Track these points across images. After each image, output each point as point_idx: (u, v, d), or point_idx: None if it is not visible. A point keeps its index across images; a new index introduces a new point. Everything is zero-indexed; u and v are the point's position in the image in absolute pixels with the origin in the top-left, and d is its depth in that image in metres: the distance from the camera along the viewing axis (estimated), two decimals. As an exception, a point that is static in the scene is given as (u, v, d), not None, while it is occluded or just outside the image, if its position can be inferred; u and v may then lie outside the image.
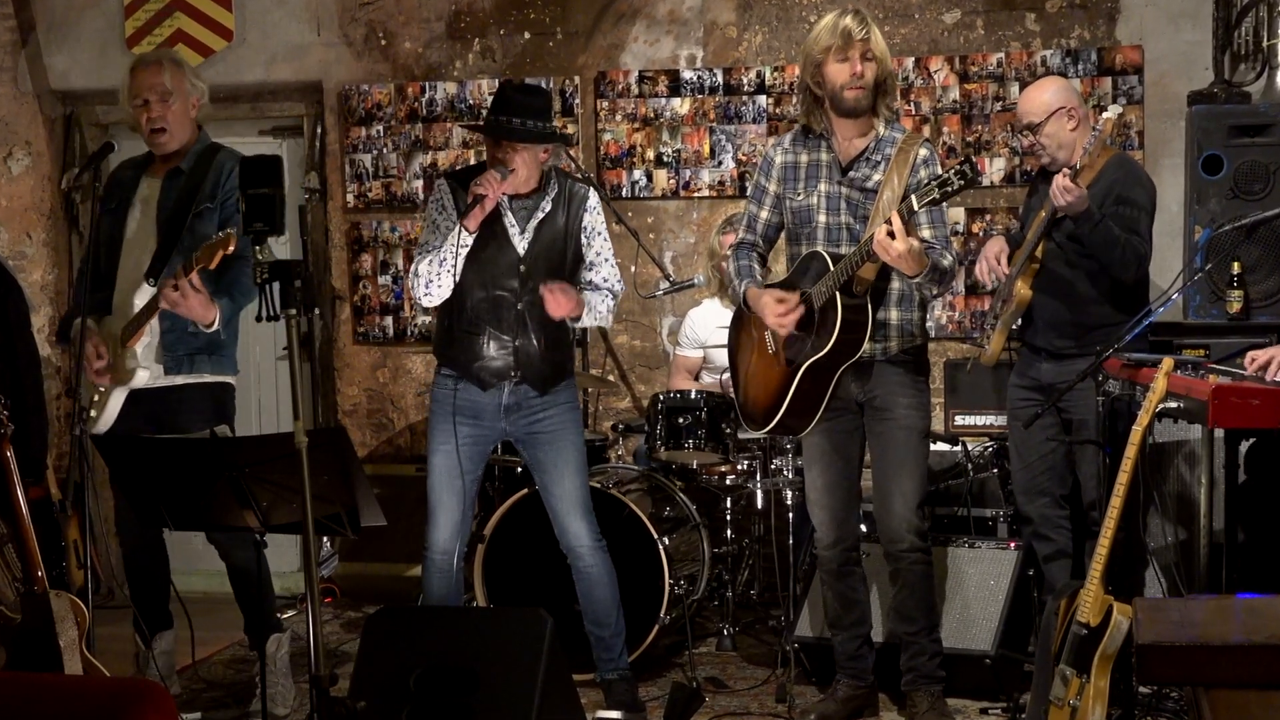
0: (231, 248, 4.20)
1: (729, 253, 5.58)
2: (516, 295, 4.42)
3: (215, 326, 4.46)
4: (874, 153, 4.26)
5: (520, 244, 4.42)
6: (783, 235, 4.49)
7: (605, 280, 4.53)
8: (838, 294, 4.13)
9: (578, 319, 4.45)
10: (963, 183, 3.88)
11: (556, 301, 4.32)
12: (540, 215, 4.43)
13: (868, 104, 4.24)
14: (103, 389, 4.57)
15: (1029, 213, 4.87)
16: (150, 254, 4.56)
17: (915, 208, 3.96)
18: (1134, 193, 4.63)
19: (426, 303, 4.41)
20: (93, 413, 4.56)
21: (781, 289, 4.36)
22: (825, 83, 4.24)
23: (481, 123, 4.54)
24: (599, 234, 4.52)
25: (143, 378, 4.54)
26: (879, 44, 4.22)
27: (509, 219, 4.42)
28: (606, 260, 4.53)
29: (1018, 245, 4.86)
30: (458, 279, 4.37)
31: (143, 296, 4.48)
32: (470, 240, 4.33)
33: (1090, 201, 4.48)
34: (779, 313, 4.24)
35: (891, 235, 3.94)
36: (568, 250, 4.46)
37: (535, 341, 4.45)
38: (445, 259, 4.33)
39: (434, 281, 4.36)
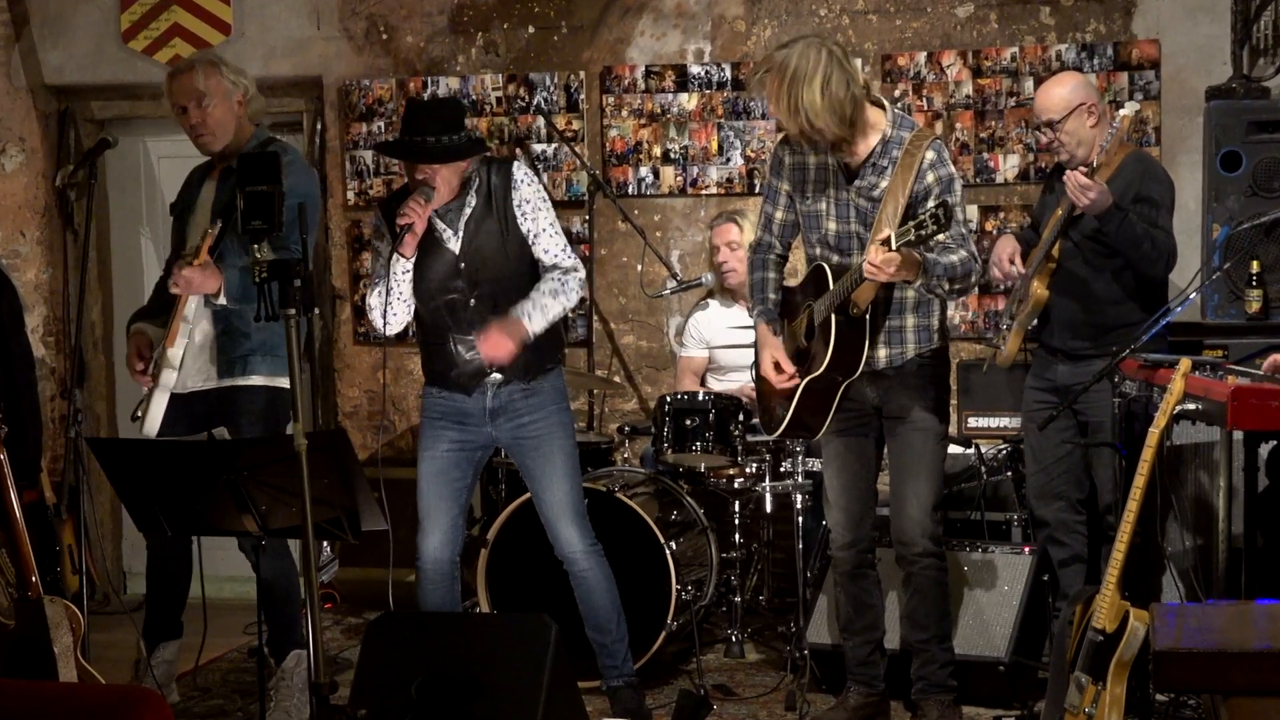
0: (209, 241, 4.33)
1: (723, 247, 5.54)
2: (465, 294, 4.37)
3: (221, 299, 4.44)
4: (880, 157, 4.14)
5: (454, 244, 4.36)
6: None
7: (547, 253, 4.38)
8: (832, 315, 4.11)
9: (528, 338, 4.30)
10: (935, 226, 3.80)
11: (493, 344, 4.25)
12: (468, 211, 4.36)
13: (814, 139, 4.08)
14: (145, 390, 4.61)
15: (1044, 210, 4.80)
16: None
17: (893, 247, 3.88)
18: (1153, 190, 4.59)
19: (388, 332, 4.37)
20: (138, 412, 4.60)
21: (792, 289, 4.34)
22: None
23: (392, 142, 4.51)
24: (533, 204, 4.37)
25: (169, 379, 4.55)
26: (784, 99, 4.00)
27: (439, 225, 4.37)
28: (546, 231, 4.38)
29: (1029, 244, 4.79)
30: (411, 304, 4.36)
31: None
32: (410, 265, 4.32)
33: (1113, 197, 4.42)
34: (775, 380, 4.26)
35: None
36: (505, 234, 4.35)
37: None
38: (392, 288, 4.32)
39: (388, 310, 4.33)
